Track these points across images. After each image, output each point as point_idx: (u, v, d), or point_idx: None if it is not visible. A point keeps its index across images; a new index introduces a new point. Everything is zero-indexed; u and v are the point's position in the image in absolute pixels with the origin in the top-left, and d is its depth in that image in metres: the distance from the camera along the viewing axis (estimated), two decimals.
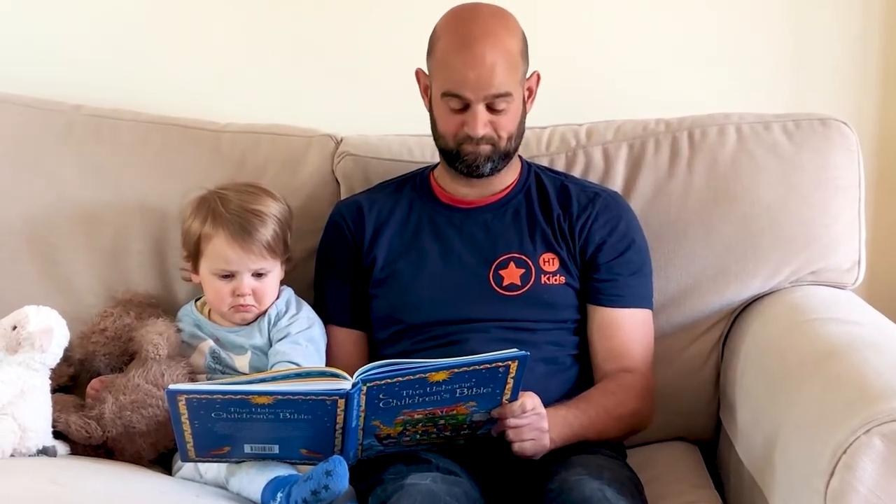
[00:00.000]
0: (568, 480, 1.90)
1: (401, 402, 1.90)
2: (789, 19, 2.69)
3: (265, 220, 2.19)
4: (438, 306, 2.18)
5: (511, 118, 2.15)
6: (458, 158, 2.17)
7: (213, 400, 1.84)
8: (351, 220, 2.28)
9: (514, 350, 1.89)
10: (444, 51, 2.14)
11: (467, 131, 2.13)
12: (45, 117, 2.51)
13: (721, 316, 2.37)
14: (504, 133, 2.15)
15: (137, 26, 2.71)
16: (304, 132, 2.50)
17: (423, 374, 1.86)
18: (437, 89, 2.15)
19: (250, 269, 2.19)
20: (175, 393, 1.84)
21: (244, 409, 1.85)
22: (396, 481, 1.90)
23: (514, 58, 2.13)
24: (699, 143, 2.40)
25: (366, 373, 1.85)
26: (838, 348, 1.95)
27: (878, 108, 2.70)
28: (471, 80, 2.09)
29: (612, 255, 2.21)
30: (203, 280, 2.23)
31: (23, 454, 2.09)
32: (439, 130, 2.18)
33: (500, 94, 2.10)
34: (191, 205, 2.24)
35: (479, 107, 2.11)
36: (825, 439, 1.70)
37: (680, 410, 2.37)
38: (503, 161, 2.19)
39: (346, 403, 1.85)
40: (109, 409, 2.15)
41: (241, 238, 2.16)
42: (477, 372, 1.88)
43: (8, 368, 2.11)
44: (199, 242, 2.20)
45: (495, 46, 2.10)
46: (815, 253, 2.35)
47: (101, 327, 2.28)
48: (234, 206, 2.19)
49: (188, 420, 1.87)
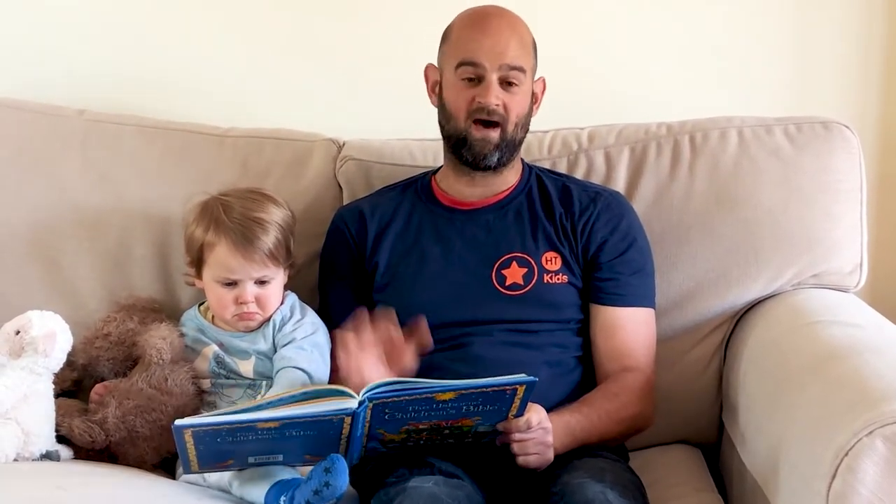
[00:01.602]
0: (570, 483, 1.90)
1: (406, 416, 1.90)
2: (791, 22, 2.70)
3: (267, 228, 2.18)
4: (441, 308, 2.18)
5: (521, 100, 2.17)
6: (465, 145, 2.17)
7: (219, 430, 1.83)
8: (353, 225, 2.28)
9: (523, 375, 1.87)
10: (458, 30, 2.19)
11: (480, 101, 2.14)
12: (48, 122, 2.52)
13: (723, 319, 2.37)
14: (513, 115, 2.16)
15: (141, 31, 2.71)
16: (307, 136, 2.50)
17: (430, 394, 1.86)
18: (452, 65, 2.17)
19: (252, 277, 2.18)
20: (182, 428, 1.82)
21: (249, 433, 1.85)
22: (399, 484, 1.90)
23: (526, 43, 2.18)
24: (701, 147, 2.40)
25: (373, 391, 1.85)
26: (840, 351, 1.95)
27: (880, 111, 2.70)
28: (486, 48, 2.13)
29: (614, 253, 2.22)
30: (206, 287, 2.23)
31: (26, 458, 2.09)
32: (450, 111, 2.19)
33: (514, 67, 2.14)
34: (193, 210, 2.24)
35: (492, 76, 2.13)
36: (827, 442, 1.70)
37: (682, 413, 2.37)
38: (509, 153, 2.19)
39: (351, 419, 1.85)
40: (113, 414, 2.15)
41: (243, 247, 2.16)
42: (484, 393, 1.88)
43: (11, 373, 2.11)
44: (203, 250, 2.20)
45: (511, 25, 2.17)
46: (817, 256, 2.36)
47: (105, 332, 2.28)
48: (236, 214, 2.18)
49: (193, 447, 1.87)
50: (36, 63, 2.72)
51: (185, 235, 2.26)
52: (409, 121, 2.40)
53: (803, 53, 2.70)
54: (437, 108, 2.24)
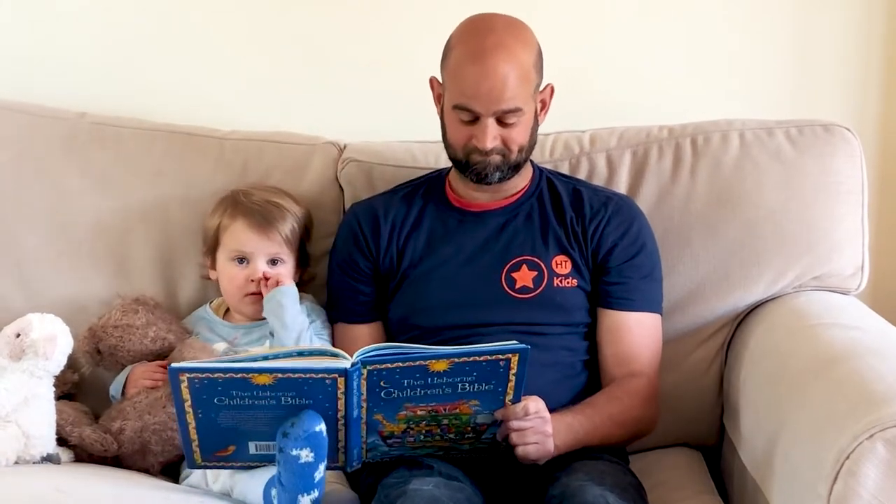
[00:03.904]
0: (570, 486, 1.90)
1: (402, 394, 1.90)
2: (792, 25, 2.69)
3: (284, 215, 2.27)
4: (451, 310, 2.19)
5: (521, 131, 2.15)
6: (467, 167, 2.18)
7: (214, 380, 1.84)
8: (367, 224, 2.28)
9: (514, 342, 1.89)
10: (456, 62, 2.13)
11: (476, 144, 2.13)
12: (48, 125, 2.51)
13: (724, 321, 2.37)
14: (514, 146, 2.15)
15: (141, 34, 2.71)
16: (308, 139, 2.50)
17: (424, 360, 1.86)
18: (449, 101, 2.15)
19: (266, 254, 2.23)
20: (178, 371, 1.83)
21: (246, 393, 1.85)
22: (399, 486, 1.90)
23: (526, 71, 2.12)
24: (702, 150, 2.40)
25: (365, 354, 1.86)
26: (841, 354, 1.95)
27: (881, 114, 2.70)
28: (481, 95, 2.09)
29: (623, 258, 2.21)
30: (220, 272, 2.27)
31: (27, 461, 2.10)
32: (449, 140, 2.19)
33: (509, 110, 2.10)
34: (214, 204, 2.32)
35: (488, 120, 2.11)
36: (828, 445, 1.70)
37: (683, 416, 2.37)
38: (512, 171, 2.19)
39: (346, 385, 1.85)
40: (132, 427, 2.15)
41: (258, 224, 2.24)
42: (477, 364, 1.88)
43: (12, 376, 2.12)
44: (219, 231, 2.26)
45: (508, 60, 2.08)
46: (818, 258, 2.35)
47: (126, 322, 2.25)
48: (256, 198, 2.27)
49: (192, 409, 1.87)
50: (37, 66, 2.71)
51: (204, 227, 2.32)
52: (411, 123, 2.40)
53: (804, 56, 2.70)
54: (441, 125, 2.22)
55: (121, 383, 2.24)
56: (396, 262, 2.25)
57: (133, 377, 2.23)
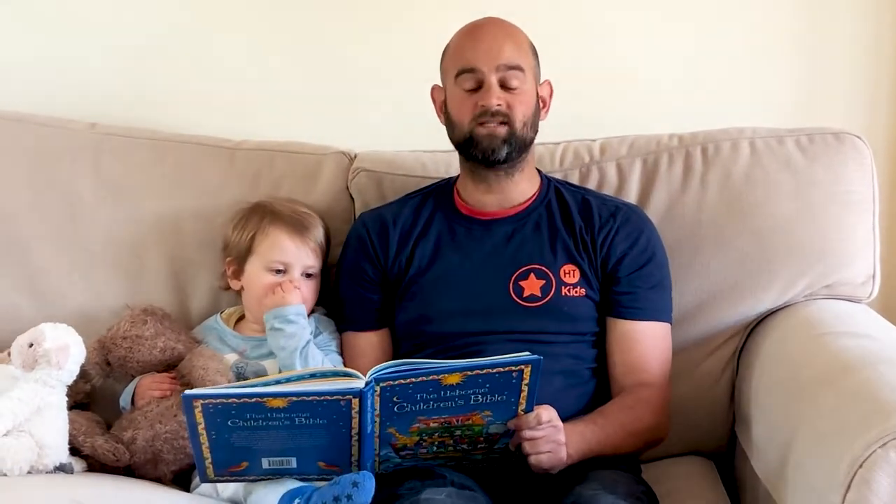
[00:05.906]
0: (583, 495, 1.90)
1: (415, 408, 1.90)
2: (802, 33, 2.70)
3: (316, 223, 2.31)
4: (459, 318, 2.19)
5: (524, 99, 2.17)
6: (473, 143, 2.18)
7: (228, 405, 1.84)
8: (375, 233, 2.29)
9: (527, 354, 1.89)
10: (454, 42, 2.22)
11: (482, 104, 2.15)
12: (60, 136, 2.53)
13: (736, 330, 2.37)
14: (518, 114, 2.16)
15: (152, 45, 2.72)
16: (318, 149, 2.51)
17: (437, 374, 1.87)
18: (451, 76, 2.19)
19: (304, 265, 2.26)
20: (191, 398, 1.84)
21: (260, 415, 1.85)
22: (411, 496, 1.90)
23: (522, 44, 2.20)
24: (712, 158, 2.40)
25: (379, 372, 1.86)
26: (853, 362, 1.95)
27: (892, 122, 2.70)
28: (481, 52, 2.16)
29: (633, 267, 2.22)
30: (249, 280, 2.28)
31: (40, 471, 2.09)
32: (456, 121, 2.20)
33: (511, 66, 2.15)
34: (237, 215, 2.33)
35: (491, 78, 2.15)
36: (841, 454, 1.70)
37: (695, 425, 2.37)
38: (518, 150, 2.19)
39: (360, 404, 1.85)
40: (143, 437, 2.15)
41: (298, 233, 2.27)
42: (490, 376, 1.88)
43: (24, 385, 2.12)
44: (253, 240, 2.27)
45: (504, 30, 2.20)
46: (829, 267, 2.35)
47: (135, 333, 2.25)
48: (287, 210, 2.29)
49: (205, 431, 1.87)
50: (48, 77, 2.73)
51: (228, 237, 2.32)
52: (421, 133, 2.40)
53: (815, 65, 2.70)
54: (446, 125, 2.25)
55: (129, 394, 2.25)
56: (404, 270, 2.26)
57: (140, 388, 2.24)
